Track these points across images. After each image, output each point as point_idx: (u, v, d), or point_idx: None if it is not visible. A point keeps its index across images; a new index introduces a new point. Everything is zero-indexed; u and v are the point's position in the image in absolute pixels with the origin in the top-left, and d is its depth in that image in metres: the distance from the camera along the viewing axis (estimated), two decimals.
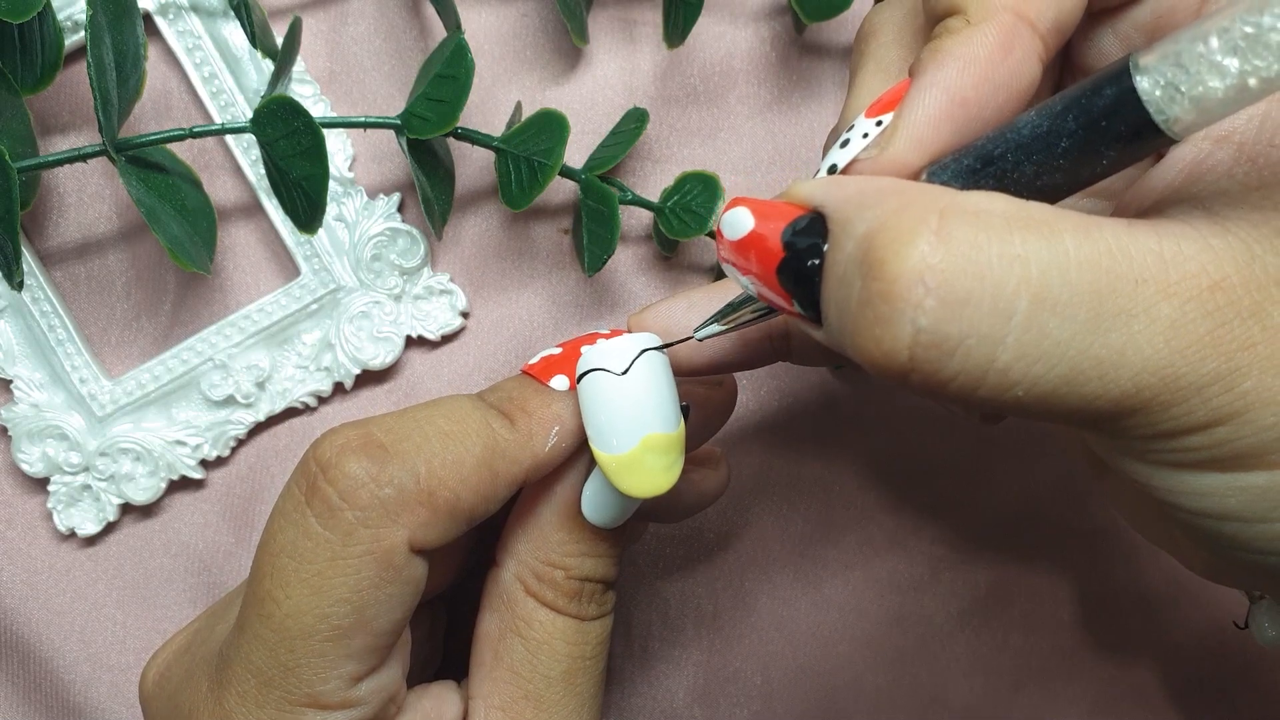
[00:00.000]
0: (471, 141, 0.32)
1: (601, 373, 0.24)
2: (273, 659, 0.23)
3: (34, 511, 0.36)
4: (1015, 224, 0.18)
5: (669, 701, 0.37)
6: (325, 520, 0.23)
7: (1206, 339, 0.18)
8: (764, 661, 0.37)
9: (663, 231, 0.34)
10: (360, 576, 0.23)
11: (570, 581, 0.26)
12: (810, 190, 0.20)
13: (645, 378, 0.24)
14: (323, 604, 0.23)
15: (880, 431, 0.37)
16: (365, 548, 0.23)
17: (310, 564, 0.23)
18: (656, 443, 0.24)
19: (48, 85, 0.31)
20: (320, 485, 0.23)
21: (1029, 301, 0.17)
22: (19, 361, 0.34)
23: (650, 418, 0.24)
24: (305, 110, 0.28)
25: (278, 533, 0.24)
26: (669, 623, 0.37)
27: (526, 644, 0.26)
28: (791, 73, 0.36)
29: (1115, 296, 0.17)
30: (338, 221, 0.35)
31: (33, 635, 0.36)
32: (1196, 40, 0.17)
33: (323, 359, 0.35)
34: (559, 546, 0.26)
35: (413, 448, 0.24)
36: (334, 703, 0.23)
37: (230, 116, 0.34)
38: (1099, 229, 0.18)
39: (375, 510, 0.23)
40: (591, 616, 0.27)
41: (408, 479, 0.23)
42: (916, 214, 0.18)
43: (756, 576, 0.37)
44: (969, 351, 0.18)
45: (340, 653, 0.23)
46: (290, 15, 0.32)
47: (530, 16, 0.36)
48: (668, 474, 0.25)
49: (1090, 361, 0.18)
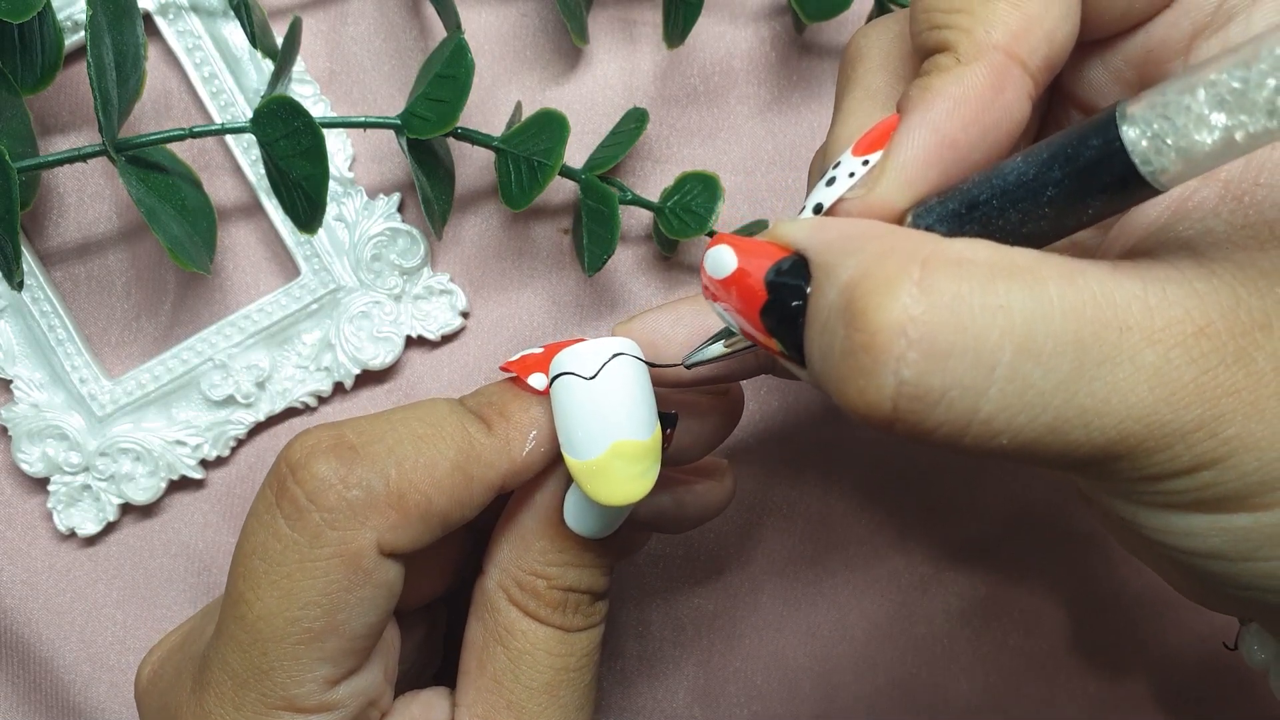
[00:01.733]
0: (471, 141, 0.32)
1: (571, 377, 0.24)
2: (247, 661, 0.23)
3: (34, 511, 0.36)
4: (999, 273, 0.18)
5: (669, 701, 0.37)
6: (293, 522, 0.23)
7: (1191, 386, 0.18)
8: (764, 661, 0.37)
9: (663, 231, 0.34)
10: (329, 579, 0.23)
11: (553, 591, 0.26)
12: (793, 232, 0.20)
13: (615, 383, 0.24)
14: (292, 607, 0.23)
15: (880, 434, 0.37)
16: (333, 550, 0.23)
17: (279, 566, 0.23)
18: (626, 450, 0.24)
19: (48, 85, 0.31)
20: (289, 486, 0.23)
21: (1012, 352, 0.17)
22: (19, 361, 0.34)
23: (620, 424, 0.24)
24: (305, 110, 0.28)
25: (250, 534, 0.24)
26: (669, 622, 0.37)
27: (509, 653, 0.26)
28: (791, 73, 0.36)
29: (1099, 345, 0.17)
30: (338, 221, 0.35)
31: (33, 635, 0.36)
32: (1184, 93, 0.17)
33: (323, 359, 0.35)
34: (541, 555, 0.26)
35: (384, 450, 0.24)
36: (310, 706, 0.23)
37: (230, 116, 0.34)
38: (1083, 275, 0.18)
39: (342, 512, 0.23)
40: (577, 628, 0.26)
41: (376, 481, 0.23)
42: (898, 263, 0.18)
43: (757, 576, 0.37)
44: (952, 403, 0.18)
45: (313, 655, 0.23)
46: (290, 15, 0.32)
47: (530, 16, 0.36)
48: (638, 482, 0.24)
49: (1074, 410, 0.18)
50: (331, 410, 0.36)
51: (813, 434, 0.37)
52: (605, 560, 0.27)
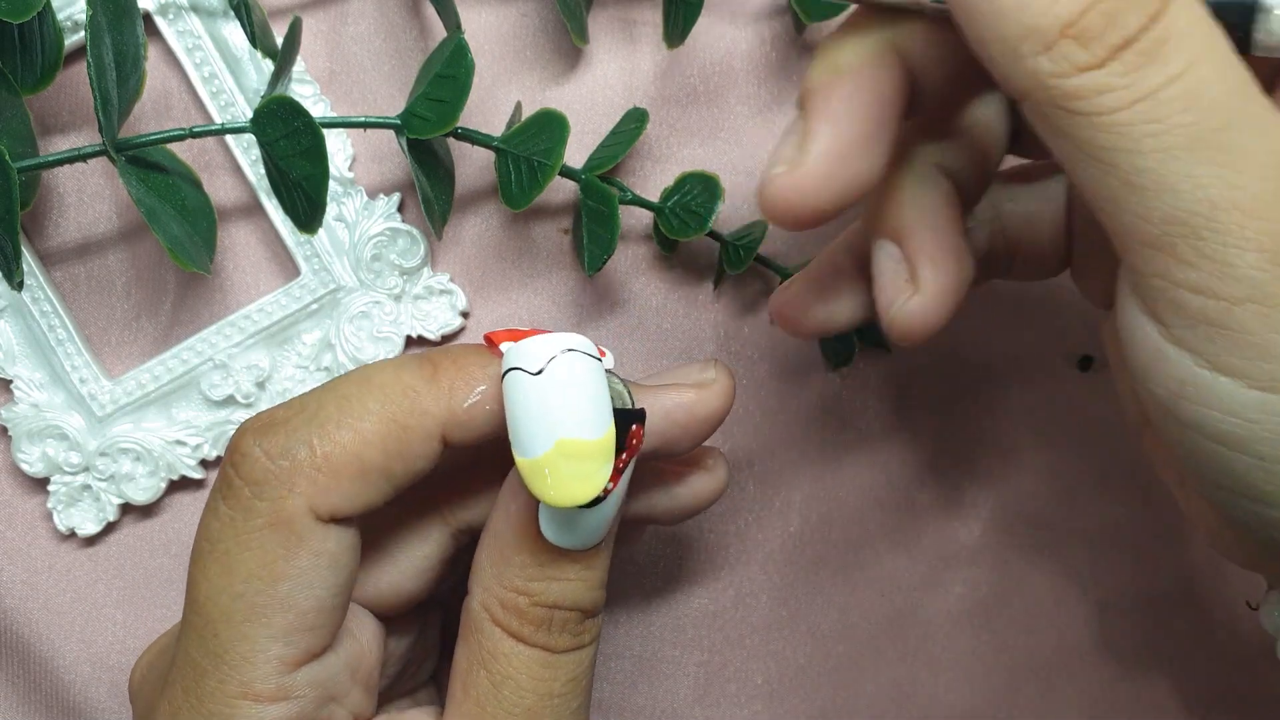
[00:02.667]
0: (471, 141, 0.32)
1: (517, 371, 0.23)
2: (203, 647, 0.23)
3: (34, 511, 0.36)
4: None
5: (670, 701, 0.37)
6: (228, 500, 0.24)
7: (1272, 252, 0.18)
8: (765, 661, 0.37)
9: (663, 231, 0.34)
10: (264, 550, 0.23)
11: (537, 609, 0.24)
12: None
13: (561, 379, 0.23)
14: (235, 582, 0.23)
15: (880, 432, 0.37)
16: (264, 520, 0.23)
17: (219, 542, 0.23)
18: (571, 448, 0.23)
19: (48, 85, 0.31)
20: (225, 469, 0.24)
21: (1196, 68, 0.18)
22: (19, 361, 0.34)
23: (563, 421, 0.23)
24: (305, 110, 0.28)
25: (201, 522, 0.24)
26: (670, 622, 0.37)
27: (491, 677, 0.24)
28: (791, 73, 0.36)
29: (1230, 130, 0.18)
30: (338, 221, 0.35)
31: (33, 635, 0.36)
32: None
33: (323, 359, 0.35)
34: (521, 570, 0.24)
35: (307, 418, 0.24)
36: (266, 692, 0.23)
37: (230, 116, 0.34)
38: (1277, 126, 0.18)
39: (269, 483, 0.23)
40: (563, 649, 0.25)
41: (299, 448, 0.23)
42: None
43: (757, 577, 0.37)
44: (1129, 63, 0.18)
45: (262, 633, 0.23)
46: (290, 15, 0.32)
47: (530, 16, 0.36)
48: (585, 483, 0.23)
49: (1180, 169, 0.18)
50: None
51: (813, 434, 0.37)
52: (593, 574, 0.25)
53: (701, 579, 0.37)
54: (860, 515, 0.37)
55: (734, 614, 0.37)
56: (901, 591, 0.37)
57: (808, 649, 0.37)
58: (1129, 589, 0.37)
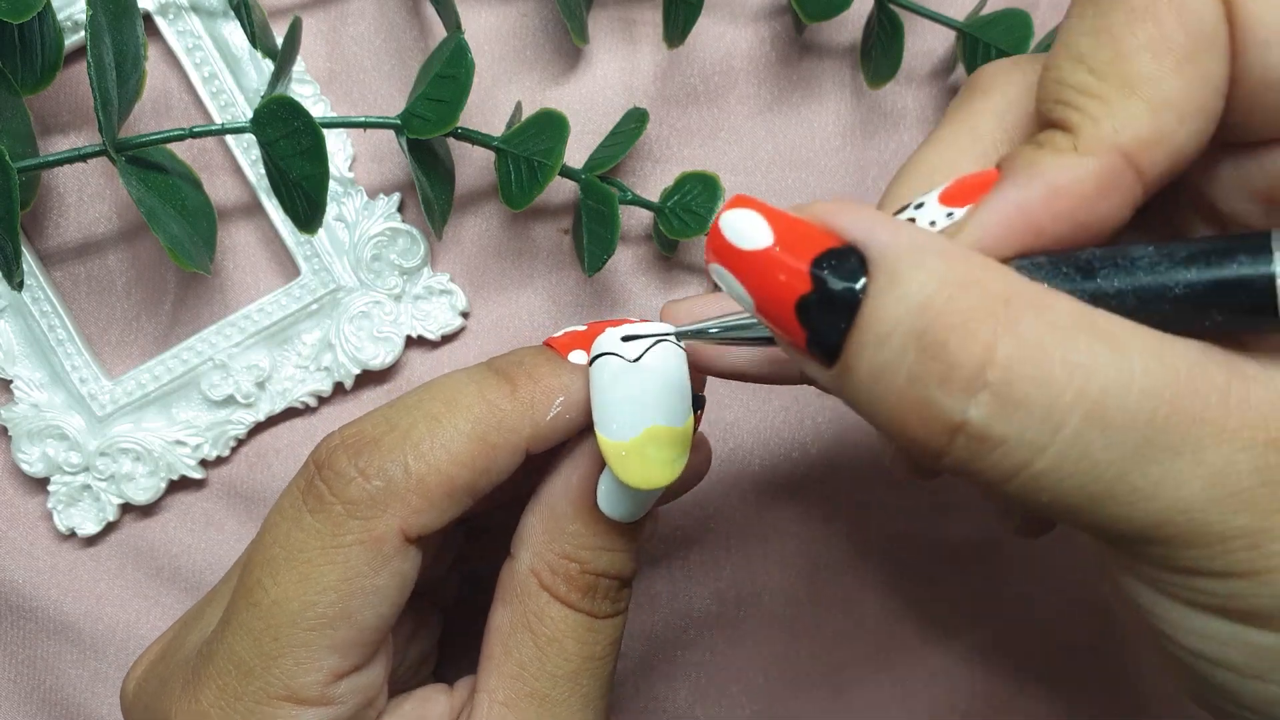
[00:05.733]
0: (471, 141, 0.32)
1: (613, 357, 0.24)
2: (256, 648, 0.23)
3: (34, 511, 0.36)
4: (1082, 330, 0.17)
5: (671, 701, 0.37)
6: (318, 514, 0.24)
7: (1246, 493, 0.17)
8: (765, 662, 0.37)
9: (663, 231, 0.34)
10: (349, 565, 0.23)
11: (586, 576, 0.26)
12: (850, 221, 0.18)
13: (657, 368, 0.24)
14: (310, 591, 0.23)
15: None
16: (355, 537, 0.23)
17: (301, 553, 0.23)
18: (660, 435, 0.24)
19: (48, 85, 0.31)
20: (315, 484, 0.24)
21: (1081, 417, 0.17)
22: (19, 361, 0.34)
23: (657, 409, 0.24)
24: (305, 110, 0.28)
25: (272, 527, 0.24)
26: (671, 623, 0.37)
27: (536, 639, 0.26)
28: (791, 73, 0.36)
29: (1169, 430, 0.17)
30: (338, 221, 0.35)
31: (33, 635, 0.36)
32: None
33: (323, 359, 0.35)
34: (575, 539, 0.26)
35: (399, 437, 0.24)
36: (310, 698, 0.23)
37: (230, 116, 0.34)
38: (1171, 352, 0.17)
39: (364, 504, 0.23)
40: (605, 614, 0.26)
41: (395, 470, 0.24)
42: (983, 297, 0.17)
43: (757, 577, 0.37)
44: (1007, 453, 0.17)
45: (323, 643, 0.23)
46: (290, 15, 0.32)
47: (530, 16, 0.36)
48: (669, 468, 0.24)
49: (1124, 487, 0.17)
50: (332, 410, 0.36)
51: (815, 434, 0.37)
52: (633, 545, 0.27)
53: (703, 579, 0.37)
54: (862, 516, 0.37)
55: (735, 614, 0.37)
56: (902, 591, 0.37)
57: (810, 649, 0.37)
58: None
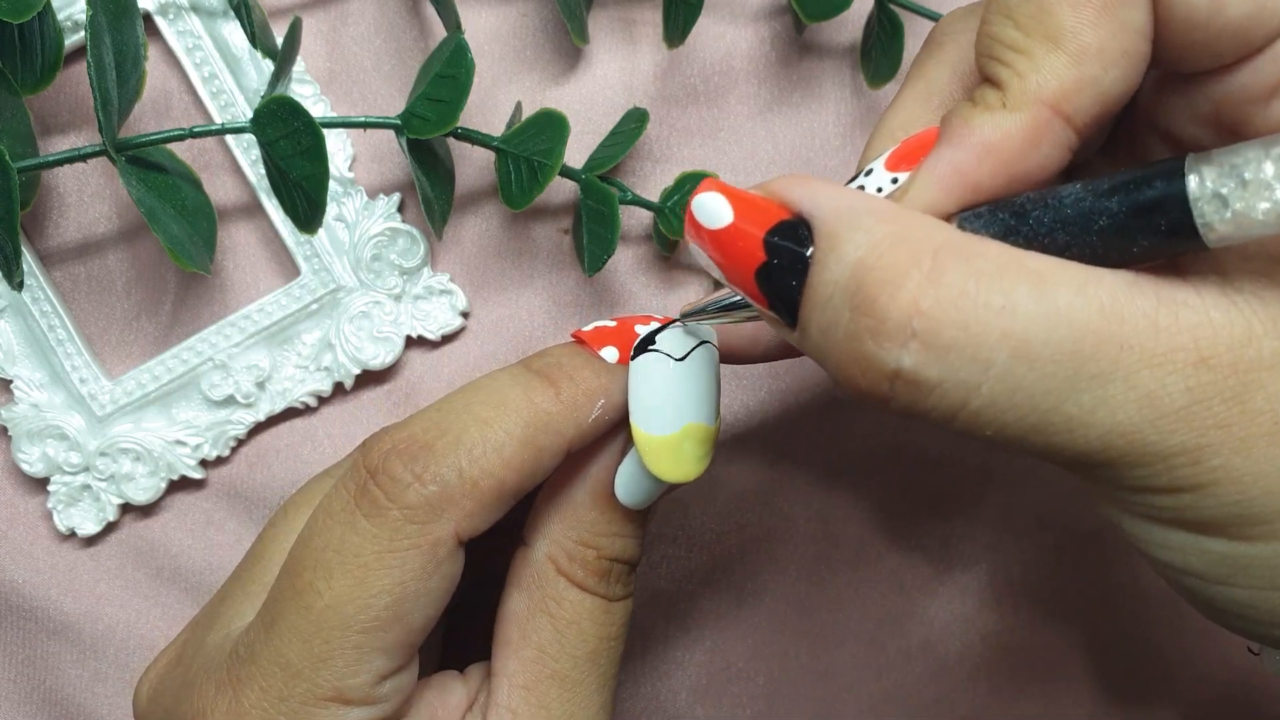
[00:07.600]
0: (471, 141, 0.32)
1: (660, 354, 0.25)
2: (306, 650, 0.24)
3: (34, 511, 0.36)
4: (1007, 272, 0.18)
5: (671, 701, 0.37)
6: (373, 519, 0.24)
7: (1180, 413, 0.18)
8: (766, 662, 0.37)
9: (663, 231, 0.34)
10: (405, 569, 0.24)
11: (601, 561, 0.27)
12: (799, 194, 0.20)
13: (699, 368, 0.25)
14: (365, 594, 0.24)
15: (882, 433, 0.37)
16: (413, 541, 0.24)
17: (357, 557, 0.24)
18: (696, 432, 0.25)
19: (48, 85, 0.31)
20: (369, 489, 0.24)
21: (1008, 354, 0.18)
22: (19, 361, 0.34)
23: (695, 407, 0.25)
24: (305, 110, 0.28)
25: (323, 530, 0.24)
26: (672, 622, 0.37)
27: (555, 623, 0.26)
28: (791, 73, 0.36)
29: (1096, 359, 0.18)
30: (338, 221, 0.35)
31: (33, 635, 0.36)
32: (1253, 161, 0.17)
33: (323, 359, 0.35)
34: (592, 526, 0.26)
35: (452, 441, 0.24)
36: (357, 698, 0.24)
37: (230, 116, 0.34)
38: (1097, 284, 0.18)
39: (421, 508, 0.24)
40: (617, 597, 0.27)
41: (450, 474, 0.24)
42: (911, 252, 0.18)
43: (759, 576, 0.37)
44: (945, 393, 0.18)
45: (374, 645, 0.24)
46: (290, 15, 0.32)
47: (530, 16, 0.36)
48: (700, 463, 0.26)
49: (1060, 417, 0.18)
50: (332, 410, 0.36)
51: (814, 433, 0.37)
52: (642, 531, 0.28)
53: (704, 579, 0.37)
54: (862, 515, 0.37)
55: (736, 614, 0.37)
56: (903, 592, 0.37)
57: (810, 649, 0.37)
58: (1131, 590, 0.37)
